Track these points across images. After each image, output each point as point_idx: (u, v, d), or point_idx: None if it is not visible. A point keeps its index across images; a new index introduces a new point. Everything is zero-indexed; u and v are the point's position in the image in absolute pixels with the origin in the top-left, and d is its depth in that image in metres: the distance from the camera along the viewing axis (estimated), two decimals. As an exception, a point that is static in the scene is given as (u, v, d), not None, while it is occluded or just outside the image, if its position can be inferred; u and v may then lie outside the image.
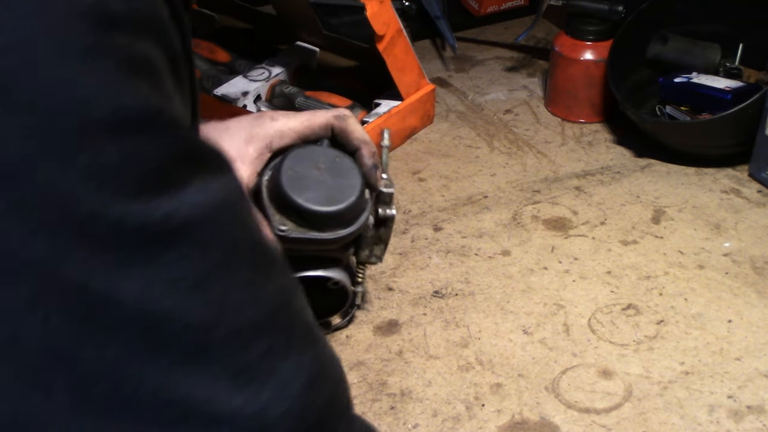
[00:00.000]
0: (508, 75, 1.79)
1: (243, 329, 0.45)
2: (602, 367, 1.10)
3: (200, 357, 0.43)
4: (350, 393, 0.55)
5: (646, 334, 1.14)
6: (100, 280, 0.40)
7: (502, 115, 1.66)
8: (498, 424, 1.02)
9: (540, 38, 1.91)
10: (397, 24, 1.48)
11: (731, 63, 1.56)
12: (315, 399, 0.48)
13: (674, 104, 1.53)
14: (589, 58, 1.57)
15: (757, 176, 1.43)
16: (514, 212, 1.38)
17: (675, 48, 1.58)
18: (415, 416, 1.03)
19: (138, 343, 0.41)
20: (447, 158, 1.53)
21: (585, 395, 1.05)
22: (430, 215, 1.38)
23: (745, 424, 1.01)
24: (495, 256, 1.29)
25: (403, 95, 1.55)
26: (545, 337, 1.14)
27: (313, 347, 0.50)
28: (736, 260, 1.27)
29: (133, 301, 0.41)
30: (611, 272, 1.25)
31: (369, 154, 1.04)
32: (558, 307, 1.19)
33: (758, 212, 1.37)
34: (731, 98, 1.44)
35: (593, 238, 1.32)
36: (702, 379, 1.07)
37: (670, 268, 1.26)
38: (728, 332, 1.14)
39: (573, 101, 1.61)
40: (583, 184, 1.45)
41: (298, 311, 0.51)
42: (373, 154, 1.05)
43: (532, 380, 1.08)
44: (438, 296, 1.22)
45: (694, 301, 1.19)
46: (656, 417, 1.02)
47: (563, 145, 1.56)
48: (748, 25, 1.53)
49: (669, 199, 1.40)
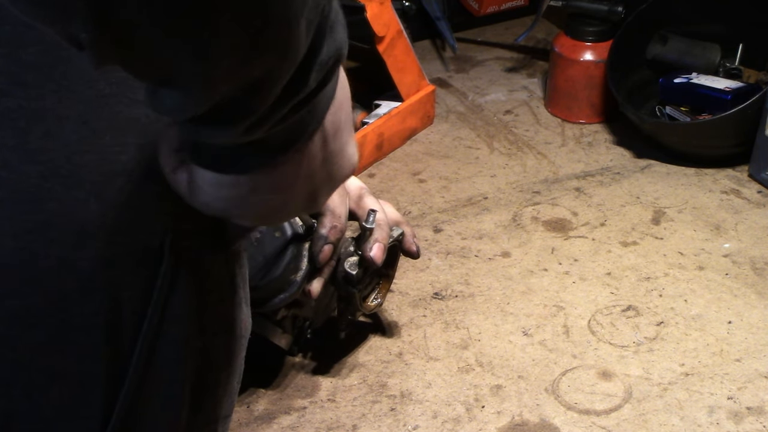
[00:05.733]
0: (508, 75, 1.79)
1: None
2: (602, 368, 1.10)
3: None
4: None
5: (646, 336, 1.14)
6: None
7: (502, 115, 1.66)
8: (498, 425, 1.02)
9: (540, 39, 1.91)
10: (397, 25, 1.48)
11: (731, 63, 1.56)
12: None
13: (674, 105, 1.53)
14: (589, 59, 1.57)
15: (757, 176, 1.43)
16: (514, 213, 1.38)
17: (675, 48, 1.57)
18: (415, 418, 1.03)
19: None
20: (447, 159, 1.53)
21: (585, 397, 1.05)
22: (429, 216, 1.38)
23: (745, 425, 1.01)
24: (495, 258, 1.29)
25: (403, 96, 1.55)
26: (545, 339, 1.14)
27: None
28: (736, 261, 1.27)
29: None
30: (611, 273, 1.25)
31: (328, 225, 0.95)
32: (558, 308, 1.19)
33: (758, 213, 1.37)
34: (731, 99, 1.44)
35: (593, 239, 1.32)
36: (702, 380, 1.07)
37: (670, 269, 1.26)
38: (728, 333, 1.14)
39: (573, 102, 1.61)
40: (583, 185, 1.45)
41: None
42: (333, 227, 0.95)
43: (532, 382, 1.08)
44: (438, 298, 1.22)
45: (694, 303, 1.19)
46: (656, 418, 1.02)
47: (563, 146, 1.56)
48: (748, 25, 1.53)
49: (669, 199, 1.40)
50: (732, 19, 1.55)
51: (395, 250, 1.06)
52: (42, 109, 0.48)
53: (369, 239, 0.98)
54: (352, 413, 1.04)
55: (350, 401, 1.06)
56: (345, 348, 1.13)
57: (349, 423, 1.03)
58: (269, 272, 0.93)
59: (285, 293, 0.95)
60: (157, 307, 0.52)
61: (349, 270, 0.98)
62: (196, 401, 0.58)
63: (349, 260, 0.99)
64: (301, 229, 0.95)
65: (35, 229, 0.49)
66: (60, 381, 0.52)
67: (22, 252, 0.49)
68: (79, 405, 0.52)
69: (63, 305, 0.50)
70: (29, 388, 0.51)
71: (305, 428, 1.03)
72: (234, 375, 0.62)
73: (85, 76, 0.48)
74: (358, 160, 0.53)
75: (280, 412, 1.05)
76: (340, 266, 0.99)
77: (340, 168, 0.51)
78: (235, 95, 0.40)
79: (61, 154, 0.48)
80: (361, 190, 1.02)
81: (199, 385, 0.57)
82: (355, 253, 0.99)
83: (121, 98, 0.49)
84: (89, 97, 0.48)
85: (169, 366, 0.54)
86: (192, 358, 0.56)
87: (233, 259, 0.58)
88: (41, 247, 0.49)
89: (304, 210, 0.52)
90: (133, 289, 0.52)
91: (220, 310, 0.58)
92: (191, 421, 0.58)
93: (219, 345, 0.59)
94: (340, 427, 1.03)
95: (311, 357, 1.13)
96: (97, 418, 0.52)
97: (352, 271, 0.98)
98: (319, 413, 1.05)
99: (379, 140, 1.51)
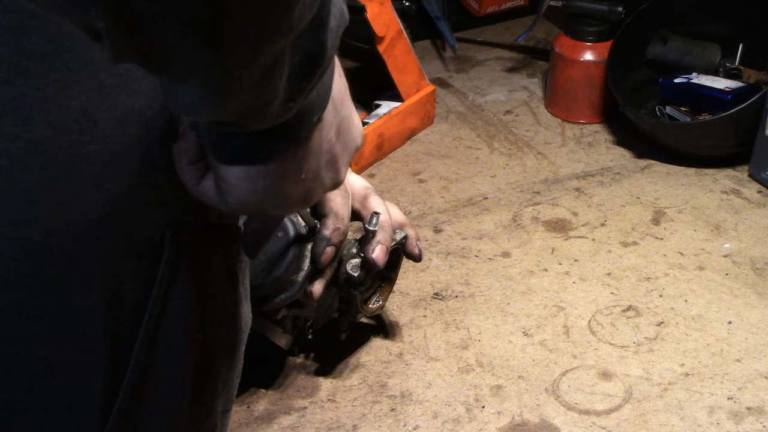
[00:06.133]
0: (508, 75, 1.79)
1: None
2: (602, 368, 1.10)
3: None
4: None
5: (646, 336, 1.14)
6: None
7: (502, 115, 1.66)
8: (498, 425, 1.02)
9: (540, 39, 1.91)
10: (397, 25, 1.48)
11: (731, 63, 1.56)
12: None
13: (674, 105, 1.53)
14: (589, 59, 1.57)
15: (757, 176, 1.43)
16: (514, 214, 1.38)
17: (675, 48, 1.57)
18: (416, 418, 1.03)
19: None
20: (447, 159, 1.53)
21: (585, 397, 1.05)
22: (430, 217, 1.38)
23: (746, 425, 1.01)
24: (495, 258, 1.29)
25: (404, 96, 1.55)
26: (545, 339, 1.14)
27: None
28: (736, 261, 1.27)
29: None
30: (611, 274, 1.25)
31: (331, 227, 0.95)
32: (558, 308, 1.19)
33: (758, 213, 1.37)
34: (731, 99, 1.44)
35: (593, 239, 1.32)
36: (702, 380, 1.07)
37: (670, 269, 1.26)
38: (728, 333, 1.14)
39: (573, 102, 1.61)
40: (583, 185, 1.45)
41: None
42: (336, 229, 0.95)
43: (532, 382, 1.08)
44: (438, 298, 1.22)
45: (694, 303, 1.19)
46: (656, 418, 1.02)
47: (563, 146, 1.56)
48: (748, 25, 1.53)
49: (669, 200, 1.40)
50: (732, 19, 1.55)
51: (398, 253, 1.06)
52: (44, 98, 0.48)
53: (371, 241, 0.98)
54: (352, 413, 1.04)
55: (350, 401, 1.06)
56: (345, 348, 1.13)
57: (350, 423, 1.03)
58: (271, 271, 0.93)
59: (286, 293, 0.95)
60: (158, 299, 0.52)
61: (351, 272, 0.98)
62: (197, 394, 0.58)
63: (351, 262, 0.99)
64: (303, 230, 0.95)
65: (35, 219, 0.49)
66: (60, 373, 0.52)
67: (21, 242, 0.49)
68: (80, 397, 0.52)
69: (63, 297, 0.50)
70: (29, 379, 0.51)
71: (305, 428, 1.03)
72: (234, 369, 0.62)
73: (88, 66, 0.48)
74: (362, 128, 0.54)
75: (280, 412, 1.05)
76: (342, 267, 0.99)
77: (351, 136, 0.52)
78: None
79: (61, 144, 0.48)
80: (367, 191, 1.01)
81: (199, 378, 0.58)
82: (357, 255, 0.99)
83: (123, 89, 0.49)
84: (91, 87, 0.48)
85: (170, 358, 0.55)
86: (192, 350, 0.56)
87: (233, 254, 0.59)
88: (41, 238, 0.49)
89: (331, 187, 0.52)
90: (133, 282, 0.52)
91: (220, 303, 0.58)
92: (192, 414, 0.58)
93: (219, 338, 0.59)
94: (341, 427, 1.03)
95: (312, 357, 1.13)
96: (98, 410, 0.53)
97: (354, 273, 0.98)
98: (319, 413, 1.05)
99: (380, 140, 1.51)
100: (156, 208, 0.52)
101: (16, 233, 0.49)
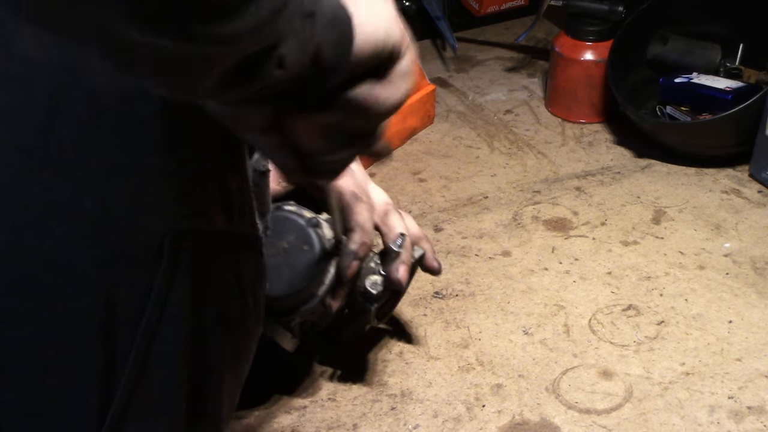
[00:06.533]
0: (509, 75, 1.79)
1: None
2: (603, 367, 1.10)
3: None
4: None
5: (646, 335, 1.14)
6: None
7: (503, 115, 1.66)
8: (498, 424, 1.02)
9: (540, 38, 1.91)
10: (397, 24, 1.47)
11: (731, 63, 1.56)
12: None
13: (674, 104, 1.53)
14: (589, 59, 1.57)
15: (758, 176, 1.43)
16: (514, 213, 1.38)
17: (675, 48, 1.57)
18: (416, 417, 1.03)
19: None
20: (447, 159, 1.53)
21: (585, 396, 1.05)
22: (430, 216, 1.38)
23: (746, 424, 1.01)
24: (495, 257, 1.29)
25: (404, 96, 1.55)
26: (546, 338, 1.14)
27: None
28: (736, 261, 1.27)
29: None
30: (612, 273, 1.25)
31: (358, 241, 0.95)
32: (558, 307, 1.19)
33: (759, 212, 1.37)
34: (731, 98, 1.44)
35: (594, 238, 1.32)
36: (702, 379, 1.07)
37: (670, 268, 1.26)
38: (729, 333, 1.14)
39: (573, 101, 1.61)
40: (584, 184, 1.45)
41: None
42: (363, 244, 0.96)
43: (532, 381, 1.08)
44: (438, 297, 1.22)
45: (694, 302, 1.19)
46: (657, 418, 1.02)
47: (563, 146, 1.56)
48: (748, 25, 1.53)
49: (669, 199, 1.40)
50: (732, 19, 1.55)
51: (414, 268, 1.06)
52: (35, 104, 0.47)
53: (395, 261, 0.98)
54: (352, 412, 1.04)
55: (350, 400, 1.06)
56: (345, 347, 1.13)
57: (350, 422, 1.03)
58: (295, 284, 0.94)
59: (306, 305, 0.96)
60: (155, 307, 0.52)
61: (370, 288, 0.98)
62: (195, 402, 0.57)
63: (372, 278, 0.98)
64: (328, 244, 0.95)
65: (29, 224, 0.48)
66: (52, 377, 0.51)
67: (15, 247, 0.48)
68: (73, 401, 0.52)
69: (56, 302, 0.50)
70: (20, 382, 0.51)
71: (306, 427, 1.03)
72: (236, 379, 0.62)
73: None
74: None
75: (280, 412, 1.05)
76: (359, 281, 0.99)
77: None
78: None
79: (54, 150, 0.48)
80: (387, 206, 1.01)
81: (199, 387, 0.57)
82: (377, 271, 0.99)
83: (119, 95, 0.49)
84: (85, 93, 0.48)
85: (166, 366, 0.54)
86: (189, 359, 0.55)
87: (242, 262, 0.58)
88: (35, 243, 0.48)
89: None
90: (129, 289, 0.51)
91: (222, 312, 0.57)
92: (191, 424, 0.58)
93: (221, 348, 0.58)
94: (341, 426, 1.03)
95: (312, 357, 1.13)
96: (91, 415, 0.52)
97: (374, 291, 0.98)
98: (319, 412, 1.05)
99: (380, 140, 1.50)
100: (155, 215, 0.51)
101: (10, 238, 0.48)
